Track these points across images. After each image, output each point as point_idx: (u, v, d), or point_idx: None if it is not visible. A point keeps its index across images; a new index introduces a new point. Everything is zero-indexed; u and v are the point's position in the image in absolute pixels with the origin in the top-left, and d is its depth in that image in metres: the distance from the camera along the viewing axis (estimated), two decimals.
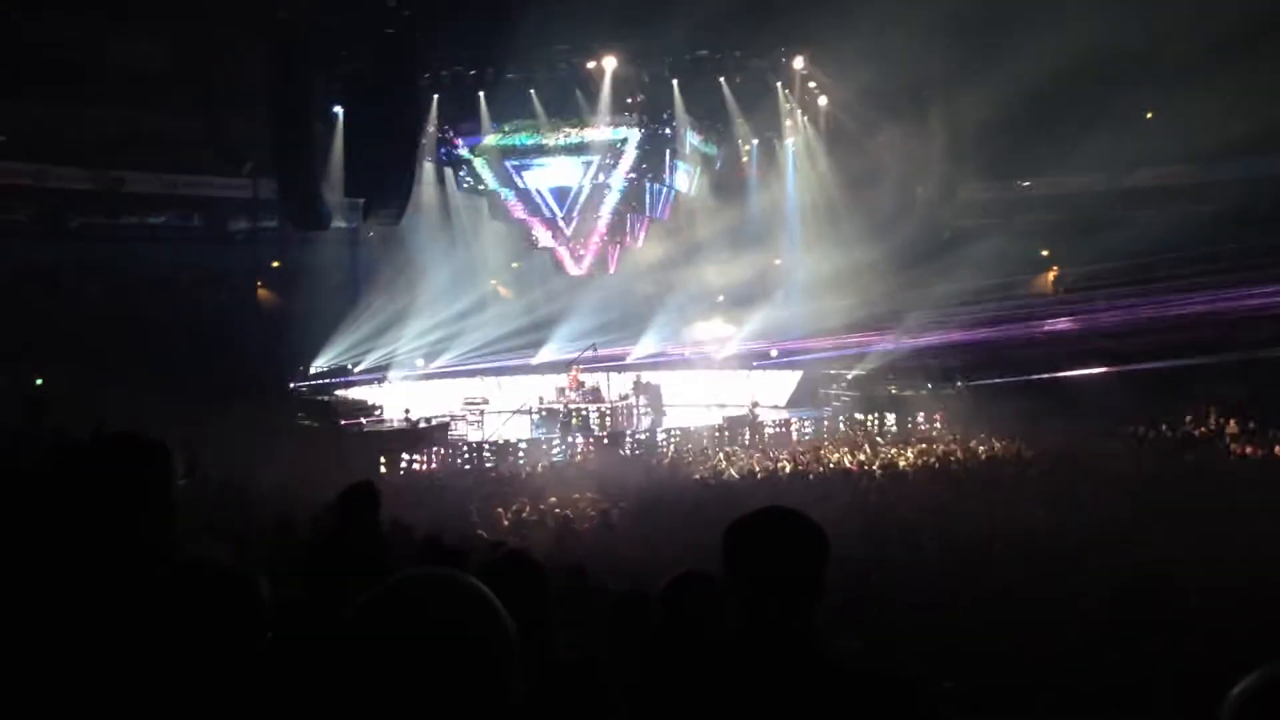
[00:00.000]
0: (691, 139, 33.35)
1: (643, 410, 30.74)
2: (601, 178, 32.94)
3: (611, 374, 32.52)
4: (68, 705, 2.16)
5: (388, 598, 1.64)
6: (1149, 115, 36.30)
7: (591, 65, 30.87)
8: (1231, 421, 25.71)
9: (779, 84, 32.75)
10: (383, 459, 24.31)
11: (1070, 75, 29.99)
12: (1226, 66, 31.98)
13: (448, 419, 28.72)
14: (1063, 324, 31.50)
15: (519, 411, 29.90)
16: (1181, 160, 36.05)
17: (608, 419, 29.73)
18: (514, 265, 36.22)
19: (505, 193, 33.27)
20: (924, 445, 25.94)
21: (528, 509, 18.51)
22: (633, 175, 32.84)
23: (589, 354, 30.12)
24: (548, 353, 32.34)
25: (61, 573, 2.42)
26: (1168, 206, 37.45)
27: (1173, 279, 31.17)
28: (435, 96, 31.28)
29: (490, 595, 1.67)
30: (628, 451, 26.88)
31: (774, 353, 34.23)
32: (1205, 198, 36.62)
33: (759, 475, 22.36)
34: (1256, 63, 32.66)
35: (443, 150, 33.15)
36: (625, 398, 31.21)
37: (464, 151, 32.98)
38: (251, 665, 2.06)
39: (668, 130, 32.51)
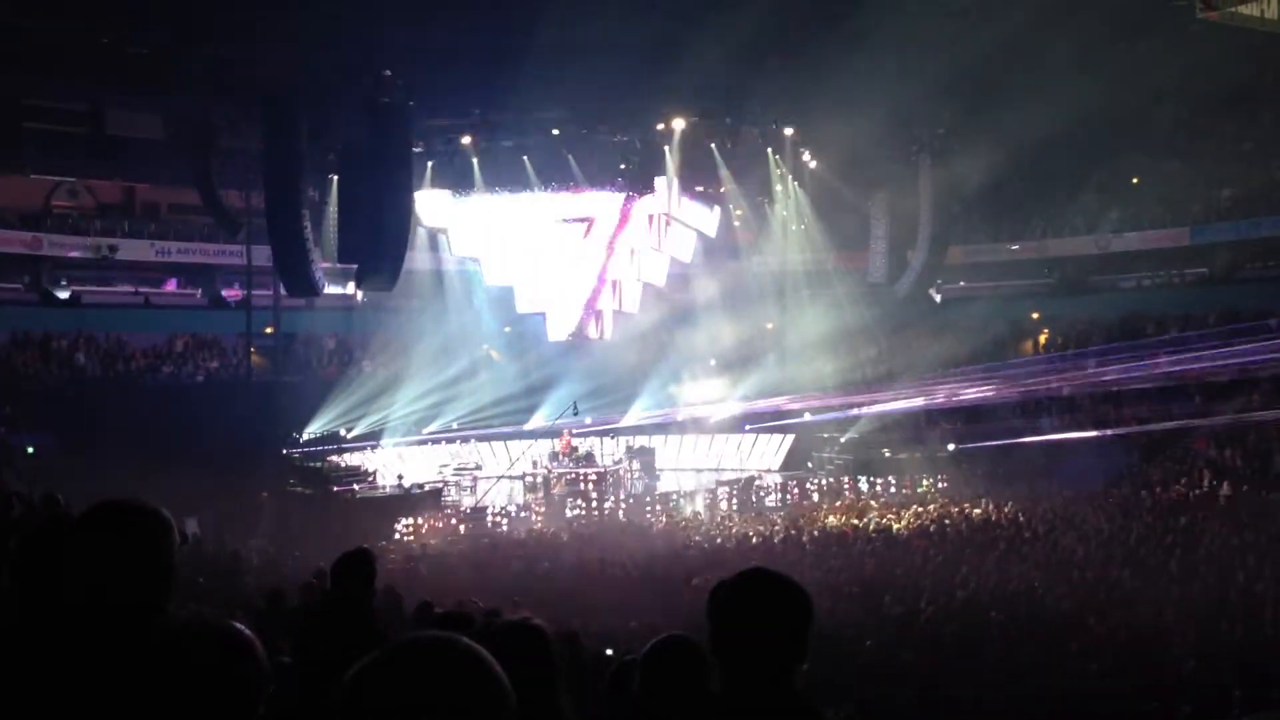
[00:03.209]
0: (684, 205, 33.54)
1: (636, 474, 30.66)
2: (594, 243, 33.09)
3: (604, 438, 32.50)
4: None
5: (387, 661, 1.63)
6: (1135, 181, 36.73)
7: (584, 132, 31.11)
8: (1225, 484, 25.69)
9: (770, 150, 33.03)
10: (376, 525, 24.22)
11: (1059, 142, 30.35)
12: (1212, 133, 32.44)
13: (441, 484, 28.66)
14: (1054, 386, 31.51)
15: (508, 477, 29.87)
16: (1169, 224, 36.40)
17: (602, 483, 29.66)
18: (506, 330, 36.24)
19: (498, 258, 33.33)
20: (918, 508, 25.86)
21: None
22: (626, 241, 33.01)
23: (570, 414, 29.94)
24: (540, 418, 32.28)
25: (56, 639, 2.42)
26: (1156, 269, 37.86)
27: (1162, 341, 31.30)
28: (429, 163, 31.50)
29: (488, 658, 1.66)
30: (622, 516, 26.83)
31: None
32: (1193, 260, 36.99)
33: (754, 540, 22.24)
34: (1242, 129, 33.14)
35: (438, 215, 33.22)
36: (619, 462, 31.15)
37: (457, 217, 33.03)
38: None
39: (660, 196, 32.72)
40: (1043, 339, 37.68)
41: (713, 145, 32.16)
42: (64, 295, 33.63)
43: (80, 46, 25.88)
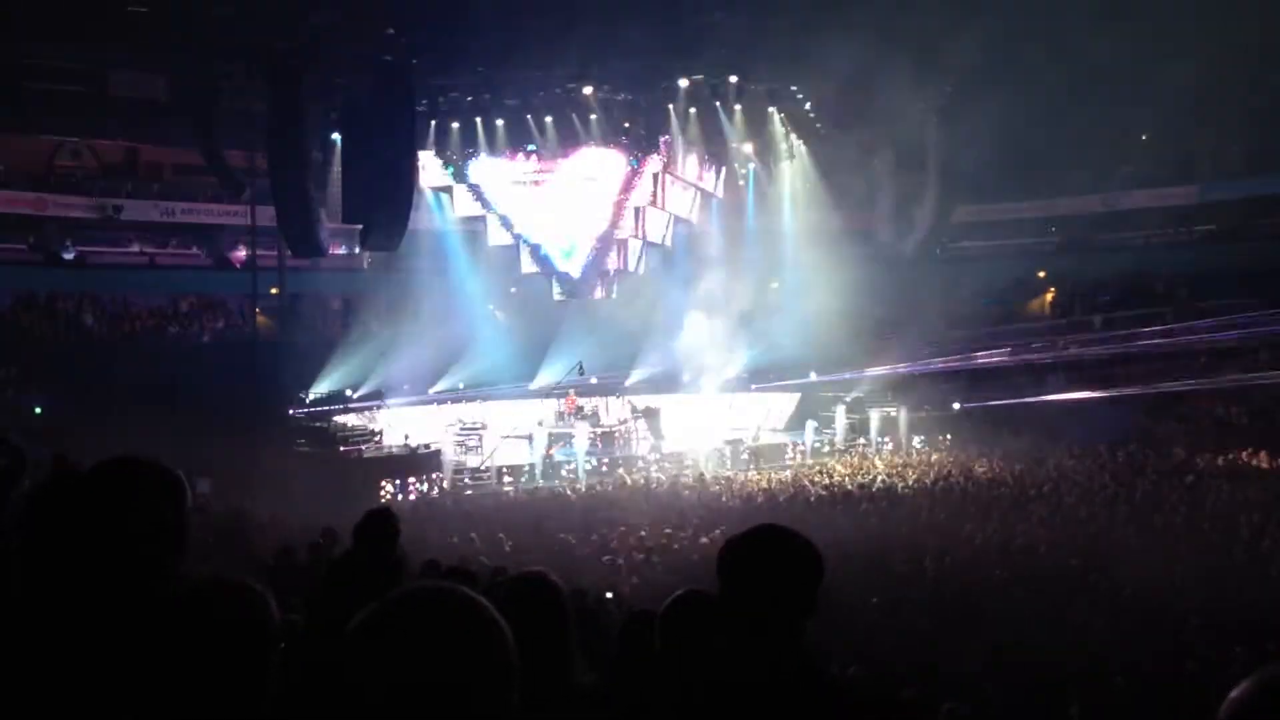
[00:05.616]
0: (689, 164, 33.37)
1: (642, 434, 30.65)
2: (599, 203, 32.95)
3: (610, 398, 32.50)
4: None
5: (387, 611, 1.64)
6: (1144, 137, 36.46)
7: (589, 92, 30.92)
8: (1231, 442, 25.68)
9: (775, 109, 32.82)
10: (384, 485, 24.29)
11: (1067, 98, 30.11)
12: (1223, 89, 32.12)
13: (446, 444, 28.67)
14: (1060, 346, 31.45)
15: (512, 436, 29.86)
16: (1179, 181, 36.19)
17: (607, 442, 29.65)
18: (511, 290, 36.16)
19: (501, 218, 33.25)
20: (923, 467, 25.89)
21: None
22: (630, 200, 32.87)
23: (576, 374, 29.93)
24: (544, 377, 32.27)
25: (67, 597, 2.42)
26: (1165, 227, 37.66)
27: (1170, 301, 31.23)
28: (433, 123, 31.36)
29: (488, 606, 1.67)
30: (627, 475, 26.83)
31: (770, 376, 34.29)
32: (1202, 217, 36.80)
33: (759, 498, 22.29)
34: (1253, 85, 32.83)
35: (441, 174, 33.10)
36: (624, 422, 31.15)
37: (461, 177, 32.93)
38: (265, 679, 2.06)
39: (665, 156, 32.55)
40: (1049, 297, 37.60)
41: (718, 104, 31.97)
42: (69, 256, 33.58)
43: (82, 5, 25.70)
